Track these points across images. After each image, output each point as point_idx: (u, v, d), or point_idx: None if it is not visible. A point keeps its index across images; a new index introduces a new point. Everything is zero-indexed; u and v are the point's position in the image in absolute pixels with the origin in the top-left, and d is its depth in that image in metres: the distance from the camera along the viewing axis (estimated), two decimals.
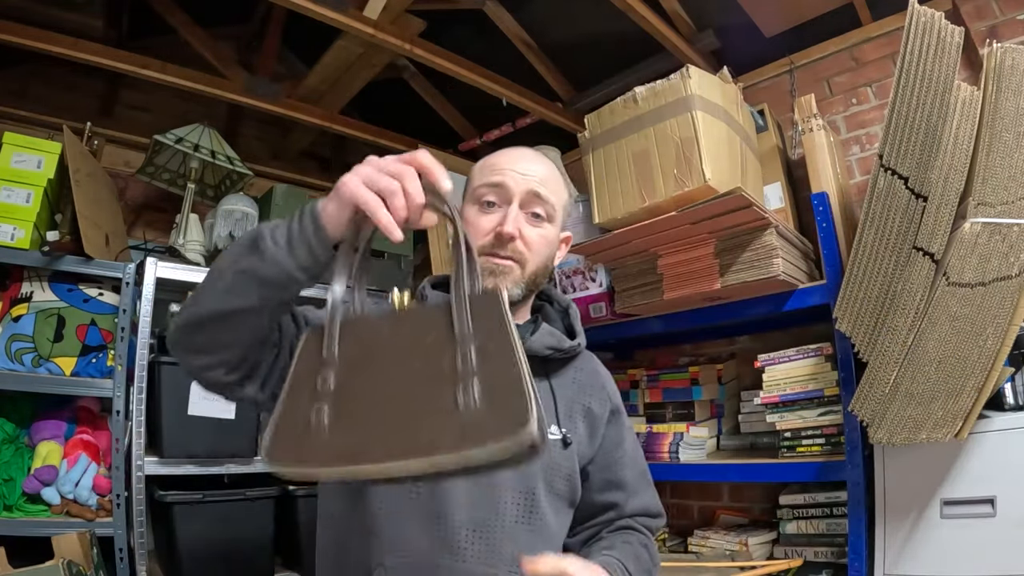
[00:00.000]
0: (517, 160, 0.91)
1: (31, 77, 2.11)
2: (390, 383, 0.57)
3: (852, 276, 1.30)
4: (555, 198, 0.92)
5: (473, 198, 0.91)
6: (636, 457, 0.99)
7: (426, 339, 0.58)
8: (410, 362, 0.58)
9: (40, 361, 1.59)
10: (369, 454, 0.53)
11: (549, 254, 0.94)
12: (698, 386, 1.85)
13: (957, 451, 1.25)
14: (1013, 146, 1.20)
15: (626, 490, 0.95)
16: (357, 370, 0.60)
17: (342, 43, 1.96)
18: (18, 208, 1.57)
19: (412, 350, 0.58)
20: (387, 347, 0.60)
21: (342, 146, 2.92)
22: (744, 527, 1.77)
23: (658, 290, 1.62)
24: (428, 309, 0.64)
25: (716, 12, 1.99)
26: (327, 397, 0.58)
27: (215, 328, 0.68)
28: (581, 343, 0.96)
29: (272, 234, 0.65)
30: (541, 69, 2.32)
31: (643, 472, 1.00)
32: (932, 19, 1.24)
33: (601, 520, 0.95)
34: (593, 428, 0.94)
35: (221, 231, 1.95)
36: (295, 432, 0.57)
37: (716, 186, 1.42)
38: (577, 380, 0.95)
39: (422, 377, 0.56)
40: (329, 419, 0.57)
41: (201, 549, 1.63)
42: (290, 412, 0.59)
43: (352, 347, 0.61)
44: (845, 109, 1.93)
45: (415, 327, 0.60)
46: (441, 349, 0.57)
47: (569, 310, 1.00)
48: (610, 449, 0.95)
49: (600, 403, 0.95)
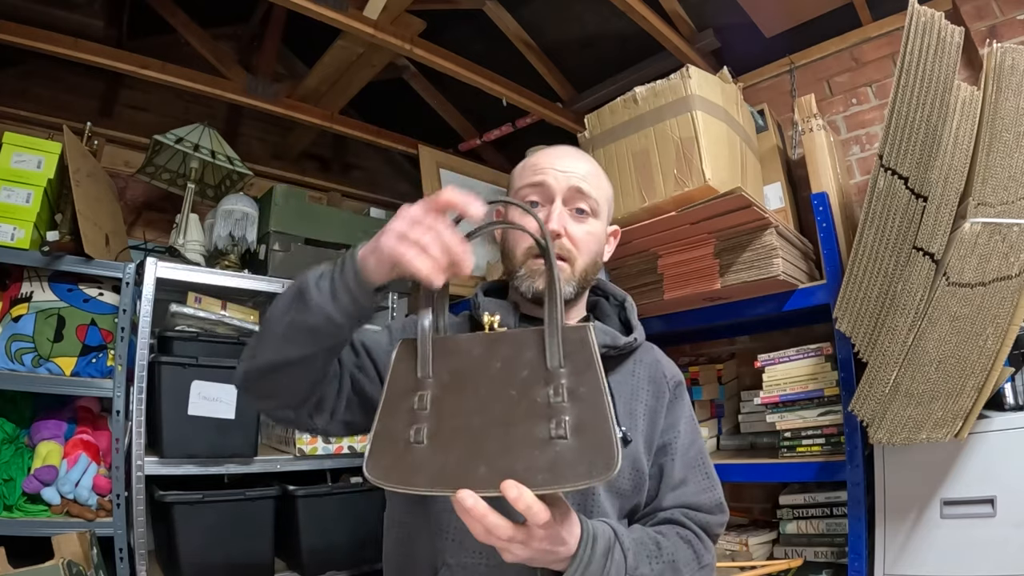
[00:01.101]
0: (557, 158, 0.90)
1: (31, 77, 2.11)
2: (486, 410, 0.61)
3: (852, 276, 1.30)
4: (598, 193, 0.90)
5: (516, 199, 0.89)
6: (690, 447, 0.91)
7: (519, 370, 0.62)
8: (504, 391, 0.61)
9: (40, 361, 1.59)
10: (468, 479, 0.57)
11: (598, 250, 0.92)
12: (698, 386, 1.85)
13: (957, 451, 1.25)
14: (1013, 146, 1.20)
15: (667, 480, 0.88)
16: (452, 392, 0.63)
17: (342, 43, 1.96)
18: (18, 208, 1.56)
19: (506, 380, 0.62)
20: (480, 373, 0.63)
21: (342, 146, 2.92)
22: (744, 527, 1.77)
23: (658, 290, 1.62)
24: (519, 337, 0.65)
25: (716, 12, 1.99)
26: (425, 418, 0.62)
27: (275, 376, 0.72)
28: (638, 338, 0.92)
29: (317, 284, 0.68)
30: (541, 69, 2.32)
31: (694, 464, 0.91)
32: (932, 19, 1.24)
33: (647, 511, 0.88)
34: (654, 420, 0.89)
35: (221, 231, 1.95)
36: (395, 450, 0.61)
37: (716, 186, 1.42)
38: (637, 374, 0.92)
39: (517, 409, 0.60)
40: (428, 439, 0.61)
41: (201, 549, 1.63)
42: (388, 430, 0.63)
43: (445, 368, 0.65)
44: (845, 109, 1.94)
45: (507, 356, 0.64)
46: (534, 382, 0.61)
47: (625, 304, 0.98)
48: (661, 433, 0.90)
49: (659, 394, 0.91)
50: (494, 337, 0.66)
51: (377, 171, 3.07)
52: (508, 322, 0.86)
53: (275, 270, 1.93)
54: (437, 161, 2.45)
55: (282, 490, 1.79)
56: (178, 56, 2.05)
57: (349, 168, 2.96)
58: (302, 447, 1.84)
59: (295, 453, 1.84)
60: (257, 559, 1.73)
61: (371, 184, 2.97)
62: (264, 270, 1.93)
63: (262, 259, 1.96)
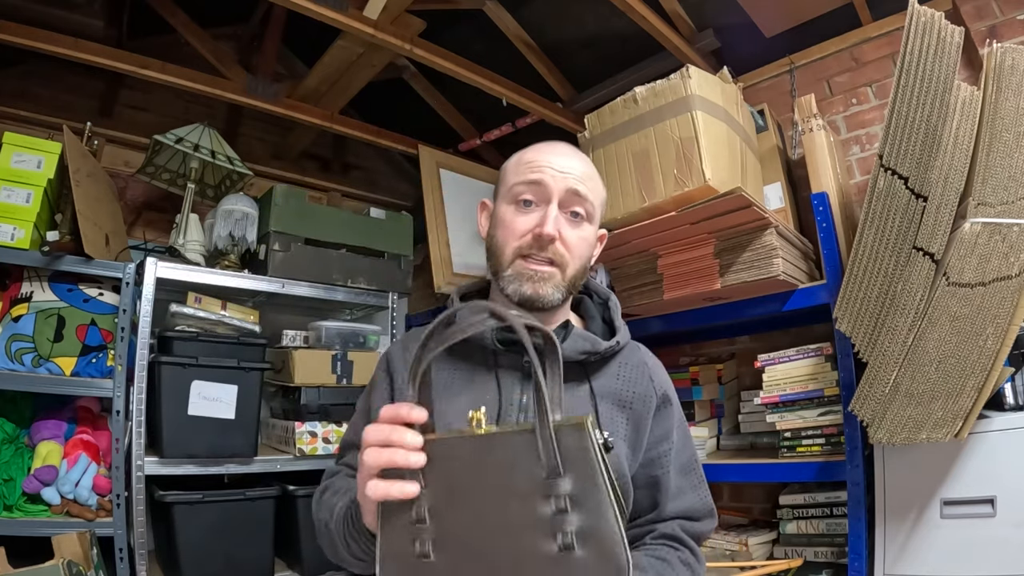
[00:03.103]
0: (555, 155, 0.87)
1: (31, 77, 2.11)
2: (487, 524, 0.60)
3: (852, 276, 1.29)
4: (594, 196, 0.88)
5: (509, 196, 0.87)
6: (683, 453, 0.91)
7: (517, 481, 0.60)
8: (505, 502, 0.60)
9: (40, 361, 1.59)
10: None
11: (589, 255, 0.90)
12: (698, 386, 1.85)
13: (957, 451, 1.25)
14: (1013, 146, 1.20)
15: (666, 491, 0.87)
16: (449, 505, 0.62)
17: (342, 43, 1.96)
18: (18, 208, 1.56)
19: (504, 492, 0.60)
20: (475, 485, 0.62)
21: (342, 146, 2.92)
22: (744, 527, 1.77)
23: (658, 290, 1.62)
24: (510, 442, 0.61)
25: (716, 12, 1.99)
26: (427, 530, 0.62)
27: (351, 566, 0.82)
28: (621, 340, 0.89)
29: (345, 542, 0.78)
30: (541, 69, 2.32)
31: (690, 469, 0.91)
32: (932, 19, 1.24)
33: (643, 521, 0.88)
34: (638, 425, 0.87)
35: (221, 231, 1.94)
36: (405, 565, 0.62)
37: (716, 186, 1.42)
38: (621, 376, 0.89)
39: (520, 521, 0.59)
40: (434, 552, 0.61)
41: (201, 549, 1.63)
42: (393, 549, 0.63)
43: (435, 476, 0.63)
44: (845, 109, 1.94)
45: (500, 464, 0.61)
46: (533, 491, 0.59)
47: (609, 303, 0.95)
48: (654, 444, 0.88)
49: (644, 398, 0.88)
50: (482, 441, 0.62)
51: (377, 171, 3.07)
52: (486, 340, 0.85)
53: (275, 270, 1.93)
54: (437, 161, 2.45)
55: (282, 490, 1.79)
56: (178, 56, 2.05)
57: (349, 168, 2.96)
58: (302, 447, 1.84)
59: (295, 453, 1.84)
60: (257, 559, 1.73)
61: (371, 184, 2.97)
62: (264, 270, 1.93)
63: (262, 259, 1.96)
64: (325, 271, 2.03)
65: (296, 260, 1.97)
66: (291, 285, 1.95)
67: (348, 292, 2.07)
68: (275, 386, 2.07)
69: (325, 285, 2.02)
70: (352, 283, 2.08)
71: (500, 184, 0.91)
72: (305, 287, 1.98)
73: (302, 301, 2.06)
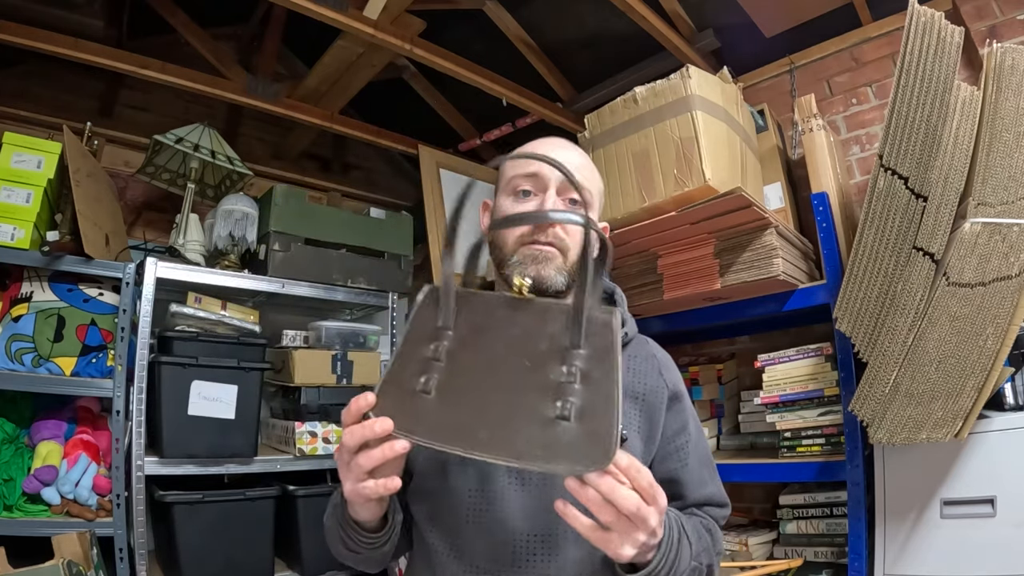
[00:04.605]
0: (551, 149, 0.89)
1: (31, 77, 2.11)
2: (497, 374, 0.61)
3: (852, 276, 1.29)
4: (591, 185, 0.90)
5: (508, 189, 0.89)
6: (699, 445, 0.92)
7: (538, 341, 0.62)
8: (519, 359, 0.61)
9: (40, 361, 1.59)
10: (465, 440, 0.57)
11: None
12: (698, 386, 1.85)
13: (957, 451, 1.25)
14: (1013, 146, 1.20)
15: (688, 482, 0.88)
16: (468, 349, 0.63)
17: (342, 43, 1.96)
18: (18, 208, 1.56)
19: (523, 348, 0.62)
20: (500, 336, 0.64)
21: (342, 146, 2.92)
22: (744, 527, 1.77)
23: (658, 290, 1.62)
24: (545, 308, 0.65)
25: (716, 12, 1.99)
26: (437, 368, 0.62)
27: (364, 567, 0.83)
28: (629, 331, 0.91)
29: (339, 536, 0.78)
30: (541, 69, 2.32)
31: (706, 461, 0.93)
32: (932, 19, 1.24)
33: None
34: (651, 418, 0.88)
35: (221, 231, 1.95)
36: (402, 396, 0.62)
37: (716, 186, 1.42)
38: (632, 369, 0.90)
39: (527, 380, 0.60)
40: (436, 391, 0.61)
41: (201, 549, 1.63)
42: (398, 376, 0.63)
43: (466, 323, 0.65)
44: (845, 109, 1.94)
45: (529, 325, 0.63)
46: (550, 357, 0.60)
47: (615, 295, 0.96)
48: (671, 438, 0.89)
49: (656, 391, 0.89)
50: (520, 302, 0.66)
51: (377, 171, 3.07)
52: None
53: (275, 270, 1.93)
54: (437, 161, 2.45)
55: (282, 490, 1.79)
56: (178, 56, 2.05)
57: (349, 168, 2.96)
58: (302, 447, 1.84)
59: (295, 453, 1.84)
60: (257, 559, 1.73)
61: (371, 184, 2.97)
62: (264, 270, 1.93)
63: (262, 259, 1.96)
64: (325, 271, 2.03)
65: (296, 260, 1.97)
66: (291, 285, 1.95)
67: (348, 292, 2.07)
68: (275, 386, 2.07)
69: (325, 285, 2.02)
70: (352, 283, 2.08)
71: (499, 180, 0.93)
72: (305, 287, 1.98)
73: (302, 301, 2.06)
